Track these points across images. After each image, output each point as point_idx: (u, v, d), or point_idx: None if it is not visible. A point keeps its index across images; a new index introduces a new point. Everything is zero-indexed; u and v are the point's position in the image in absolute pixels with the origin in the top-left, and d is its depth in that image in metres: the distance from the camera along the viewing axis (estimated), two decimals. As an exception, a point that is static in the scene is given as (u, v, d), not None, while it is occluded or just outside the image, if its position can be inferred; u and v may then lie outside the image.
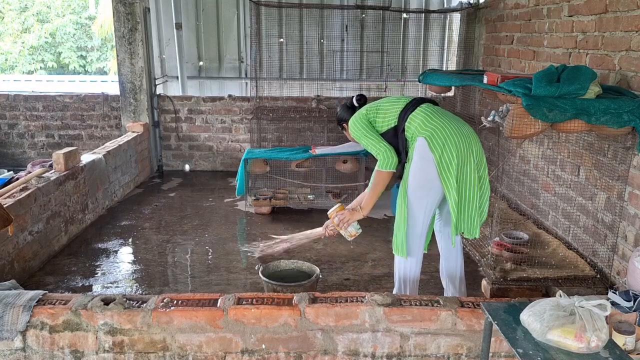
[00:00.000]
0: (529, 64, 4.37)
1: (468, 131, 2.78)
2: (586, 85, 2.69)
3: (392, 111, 2.84)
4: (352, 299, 2.56)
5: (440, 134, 2.69)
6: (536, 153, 4.17)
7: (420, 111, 2.78)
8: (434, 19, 6.77)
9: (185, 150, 6.61)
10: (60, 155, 4.24)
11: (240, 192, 4.98)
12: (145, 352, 2.51)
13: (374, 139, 2.81)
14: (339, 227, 3.03)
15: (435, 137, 2.69)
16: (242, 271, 3.78)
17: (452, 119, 2.78)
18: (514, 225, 3.94)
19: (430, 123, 2.73)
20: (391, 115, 2.84)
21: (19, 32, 15.87)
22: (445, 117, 2.77)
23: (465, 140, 2.71)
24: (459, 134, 2.71)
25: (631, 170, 3.00)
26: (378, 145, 2.80)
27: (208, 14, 6.91)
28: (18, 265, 3.50)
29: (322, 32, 6.76)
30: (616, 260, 3.14)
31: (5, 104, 6.80)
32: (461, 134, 2.71)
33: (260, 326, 2.48)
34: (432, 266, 3.87)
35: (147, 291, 3.50)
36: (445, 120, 2.74)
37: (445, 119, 2.75)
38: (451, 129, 2.71)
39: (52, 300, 2.55)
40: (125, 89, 6.17)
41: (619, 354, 2.01)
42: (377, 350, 2.52)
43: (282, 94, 6.52)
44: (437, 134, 2.69)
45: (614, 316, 2.36)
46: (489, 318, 2.24)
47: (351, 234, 3.09)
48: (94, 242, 4.30)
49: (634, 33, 2.97)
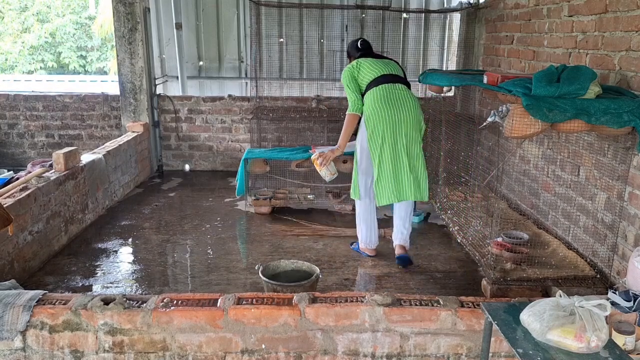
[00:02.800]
0: (529, 64, 4.37)
1: (406, 115, 3.45)
2: (586, 85, 2.69)
3: (366, 77, 3.57)
4: (352, 299, 2.56)
5: (375, 117, 3.44)
6: (536, 153, 4.17)
7: (376, 91, 3.49)
8: (434, 19, 6.77)
9: (185, 150, 6.61)
10: (60, 155, 4.24)
11: (240, 192, 4.98)
12: (145, 352, 2.51)
13: (350, 89, 3.57)
14: (321, 167, 3.67)
15: (370, 118, 3.46)
16: (242, 271, 3.78)
17: (392, 105, 3.44)
18: (514, 225, 3.94)
19: (374, 104, 3.46)
20: (364, 81, 3.57)
21: (19, 32, 15.87)
22: (386, 104, 3.44)
23: (396, 125, 3.43)
24: (391, 121, 3.42)
25: (631, 170, 3.00)
26: (351, 94, 3.56)
27: (208, 14, 6.91)
28: (18, 265, 3.50)
29: (322, 32, 6.76)
30: (616, 260, 3.14)
31: (5, 104, 6.80)
32: (393, 121, 3.43)
33: (260, 326, 2.48)
34: (432, 266, 3.87)
35: (147, 291, 3.50)
36: (386, 107, 3.43)
37: (386, 105, 3.44)
38: (386, 115, 3.42)
39: (52, 300, 2.55)
40: (125, 89, 6.17)
41: (619, 354, 2.01)
42: (377, 350, 2.52)
43: (282, 94, 6.52)
44: (373, 116, 3.45)
45: (613, 316, 2.36)
46: (489, 318, 2.25)
47: (331, 173, 3.69)
48: (94, 242, 4.30)
49: (634, 33, 2.97)
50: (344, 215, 4.97)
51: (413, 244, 4.25)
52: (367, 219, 3.85)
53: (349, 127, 3.58)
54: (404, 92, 3.57)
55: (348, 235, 4.39)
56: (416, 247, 4.21)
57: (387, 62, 3.72)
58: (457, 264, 3.92)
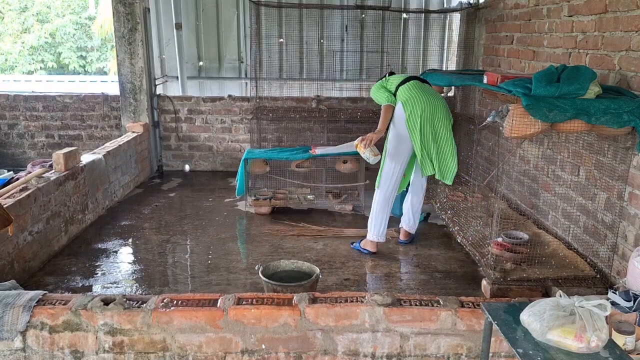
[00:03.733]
0: (529, 64, 4.37)
1: (438, 102, 3.80)
2: (586, 85, 2.69)
3: (394, 83, 3.94)
4: (352, 299, 2.56)
5: (412, 101, 3.76)
6: (536, 153, 4.17)
7: (409, 85, 3.86)
8: (434, 19, 6.77)
9: (185, 150, 6.61)
10: (60, 155, 4.24)
11: (240, 192, 4.98)
12: (145, 352, 2.51)
13: (381, 91, 3.95)
14: (364, 149, 3.80)
15: (408, 101, 3.77)
16: (242, 271, 3.78)
17: (426, 93, 3.81)
18: (514, 225, 3.94)
19: (410, 91, 3.80)
20: (392, 85, 3.94)
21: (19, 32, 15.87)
22: (421, 90, 3.80)
23: (432, 107, 3.75)
24: (427, 103, 3.74)
25: (631, 170, 3.00)
26: (383, 92, 3.92)
27: (208, 14, 6.91)
28: (18, 265, 3.50)
29: (322, 32, 6.76)
30: (616, 260, 3.14)
31: (5, 104, 6.80)
32: (429, 103, 3.75)
33: (260, 326, 2.48)
34: (432, 266, 3.87)
35: (147, 291, 3.50)
36: (420, 92, 3.79)
37: (420, 92, 3.79)
38: (422, 98, 3.75)
39: (52, 300, 2.55)
40: (125, 89, 6.17)
41: (619, 354, 2.01)
42: (377, 351, 2.52)
43: (282, 94, 6.52)
44: (410, 99, 3.77)
45: (614, 316, 2.36)
46: (489, 318, 2.25)
47: (374, 154, 3.78)
48: (94, 242, 4.30)
49: (634, 33, 2.97)
50: (344, 215, 4.97)
51: (413, 244, 4.26)
52: (384, 209, 3.96)
53: (387, 113, 3.85)
54: (432, 89, 3.96)
55: (348, 235, 4.39)
56: (416, 247, 4.21)
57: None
58: (457, 264, 3.92)
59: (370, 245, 4.03)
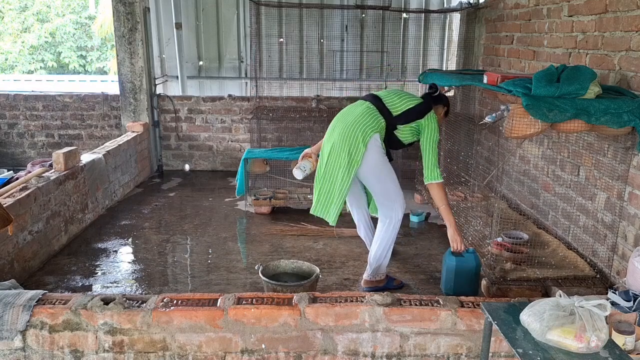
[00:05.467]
0: (529, 64, 4.37)
1: (339, 126, 3.21)
2: (586, 85, 2.69)
3: None
4: (352, 299, 2.56)
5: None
6: (536, 153, 4.17)
7: None
8: (434, 18, 6.77)
9: (185, 150, 6.61)
10: (60, 155, 4.24)
11: (240, 192, 4.98)
12: (145, 352, 2.51)
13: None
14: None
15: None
16: (242, 271, 3.78)
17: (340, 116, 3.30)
18: (514, 225, 3.94)
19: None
20: None
21: (19, 32, 15.87)
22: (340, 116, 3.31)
23: (330, 132, 3.27)
24: (331, 130, 3.27)
25: (631, 170, 3.00)
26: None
27: (208, 14, 6.91)
28: (18, 265, 3.50)
29: (322, 32, 6.76)
30: (616, 260, 3.14)
31: (5, 103, 6.80)
32: (330, 128, 3.28)
33: (260, 326, 2.48)
34: (432, 266, 3.87)
35: (147, 291, 3.50)
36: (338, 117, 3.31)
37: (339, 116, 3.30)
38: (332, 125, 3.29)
39: (52, 300, 2.55)
40: (125, 88, 6.17)
41: (619, 354, 2.01)
42: (377, 350, 2.52)
43: (282, 94, 6.52)
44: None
45: (613, 316, 2.36)
46: (489, 318, 2.25)
47: (302, 170, 3.39)
48: (93, 241, 4.30)
49: (634, 33, 2.97)
50: (343, 215, 4.96)
51: (413, 244, 4.26)
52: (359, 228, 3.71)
53: None
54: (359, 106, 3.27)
55: (348, 235, 4.39)
56: (416, 247, 4.21)
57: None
58: (457, 264, 3.92)
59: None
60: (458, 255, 3.22)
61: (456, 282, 3.23)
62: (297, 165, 3.40)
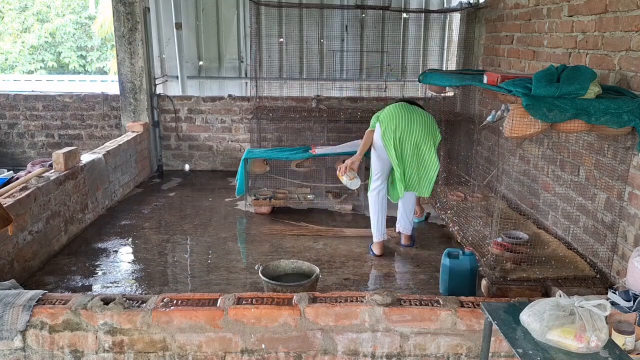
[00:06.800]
0: (529, 64, 4.37)
1: (417, 119, 3.87)
2: (586, 85, 2.69)
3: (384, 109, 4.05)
4: (352, 299, 2.56)
5: (387, 117, 3.90)
6: (536, 153, 4.17)
7: (390, 106, 4.02)
8: (434, 18, 6.77)
9: (185, 150, 6.61)
10: (60, 155, 4.24)
11: (240, 192, 4.98)
12: (145, 352, 2.51)
13: (373, 119, 4.02)
14: (341, 175, 3.95)
15: (384, 119, 3.91)
16: (242, 271, 3.78)
17: (407, 111, 3.91)
18: (514, 225, 3.93)
19: (387, 111, 3.96)
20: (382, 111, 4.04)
21: (19, 32, 15.87)
22: (401, 109, 3.92)
23: (408, 123, 3.85)
24: (403, 118, 3.85)
25: (631, 170, 3.00)
26: (372, 121, 4.02)
27: (208, 14, 6.91)
28: (18, 265, 3.50)
29: (322, 32, 6.76)
30: (616, 260, 3.14)
31: (5, 103, 6.80)
32: (404, 119, 3.85)
33: (260, 326, 2.48)
34: (432, 266, 3.87)
35: (147, 291, 3.50)
36: (399, 110, 3.90)
37: (399, 110, 3.91)
38: (398, 115, 3.87)
39: (52, 300, 2.55)
40: (125, 88, 6.17)
41: (619, 354, 2.01)
42: (377, 350, 2.52)
43: (282, 94, 6.52)
44: (385, 117, 3.91)
45: (613, 316, 2.36)
46: (489, 318, 2.25)
47: (351, 177, 3.90)
48: (93, 241, 4.30)
49: (634, 33, 2.97)
50: (343, 215, 4.97)
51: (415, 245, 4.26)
52: (374, 210, 4.06)
53: (367, 139, 3.99)
54: (418, 109, 4.02)
55: (348, 235, 4.39)
56: (416, 247, 4.21)
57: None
58: (457, 264, 3.92)
59: (375, 247, 4.07)
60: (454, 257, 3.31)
61: (451, 283, 3.26)
62: (348, 176, 3.88)
